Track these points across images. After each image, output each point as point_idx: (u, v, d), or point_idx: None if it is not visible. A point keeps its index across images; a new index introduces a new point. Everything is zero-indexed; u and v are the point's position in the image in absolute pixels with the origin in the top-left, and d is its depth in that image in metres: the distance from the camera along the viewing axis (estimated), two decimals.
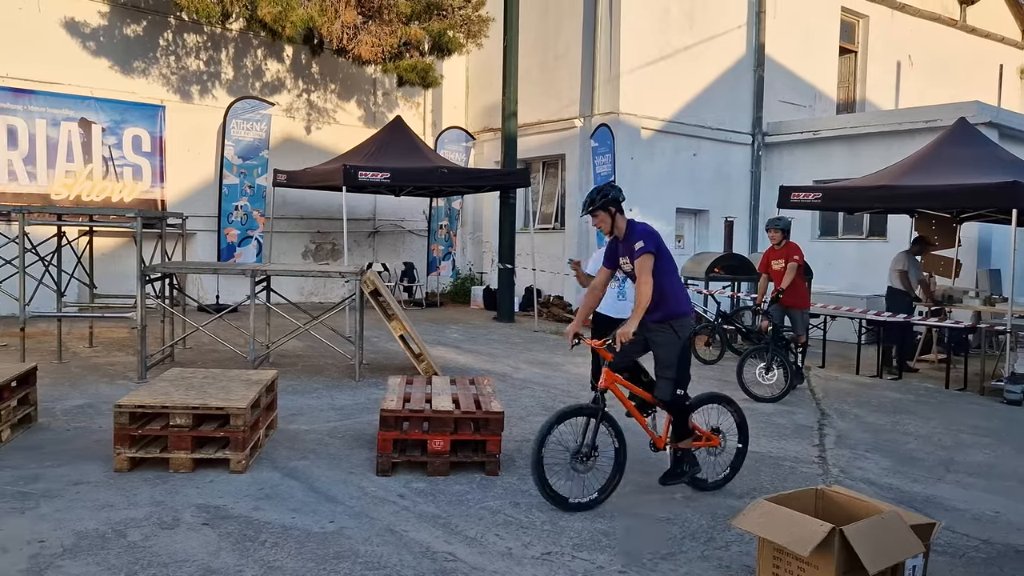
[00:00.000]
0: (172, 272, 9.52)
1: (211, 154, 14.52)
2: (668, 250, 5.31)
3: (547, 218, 16.52)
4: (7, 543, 4.13)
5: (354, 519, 4.67)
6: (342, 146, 14.93)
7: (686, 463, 5.30)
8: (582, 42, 14.91)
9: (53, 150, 12.98)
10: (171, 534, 4.33)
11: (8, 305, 10.11)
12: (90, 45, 13.31)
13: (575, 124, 15.16)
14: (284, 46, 15.23)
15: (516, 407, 7.59)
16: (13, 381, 6.06)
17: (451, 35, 14.16)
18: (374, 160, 12.71)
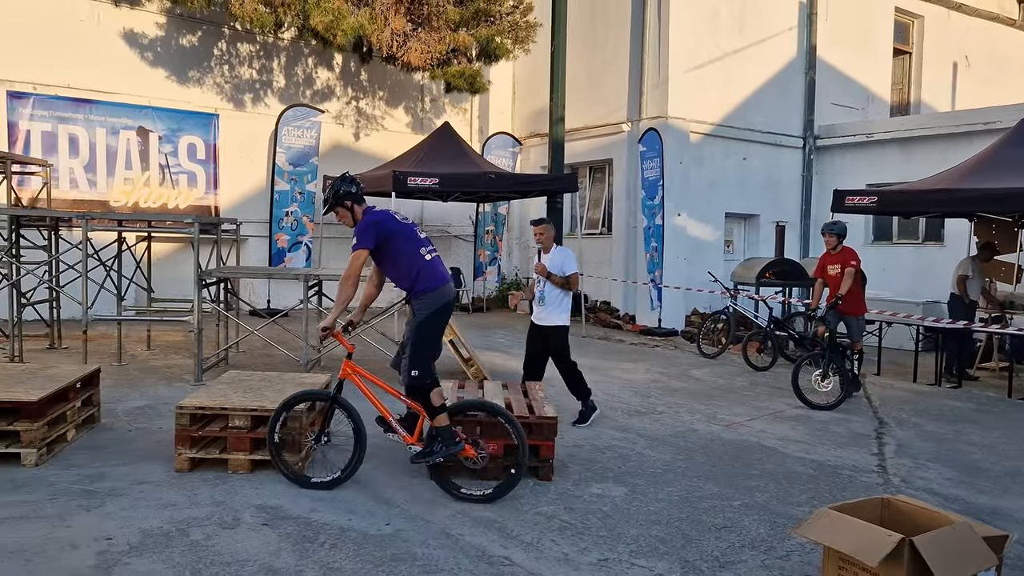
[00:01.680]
0: (227, 277, 9.70)
1: (263, 161, 14.78)
2: (408, 228, 5.32)
3: (594, 223, 16.46)
4: (76, 539, 4.24)
5: (410, 522, 4.69)
6: (390, 152, 15.07)
7: (440, 440, 5.07)
8: (630, 46, 14.84)
9: (112, 158, 13.34)
10: (232, 534, 4.40)
11: (71, 309, 10.41)
12: (148, 56, 13.65)
13: (623, 129, 15.09)
14: (334, 54, 15.44)
15: (566, 413, 7.53)
16: (78, 383, 6.22)
17: (499, 41, 14.22)
18: (422, 166, 12.80)
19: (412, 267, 5.22)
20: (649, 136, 13.99)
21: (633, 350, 12.02)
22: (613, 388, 8.99)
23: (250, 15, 12.14)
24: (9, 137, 12.35)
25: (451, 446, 5.05)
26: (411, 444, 5.21)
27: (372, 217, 5.24)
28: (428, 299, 5.22)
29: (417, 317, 5.23)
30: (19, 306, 9.14)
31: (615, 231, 15.53)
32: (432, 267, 5.29)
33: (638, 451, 6.42)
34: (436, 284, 5.25)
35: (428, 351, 5.22)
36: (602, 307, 15.43)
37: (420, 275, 5.22)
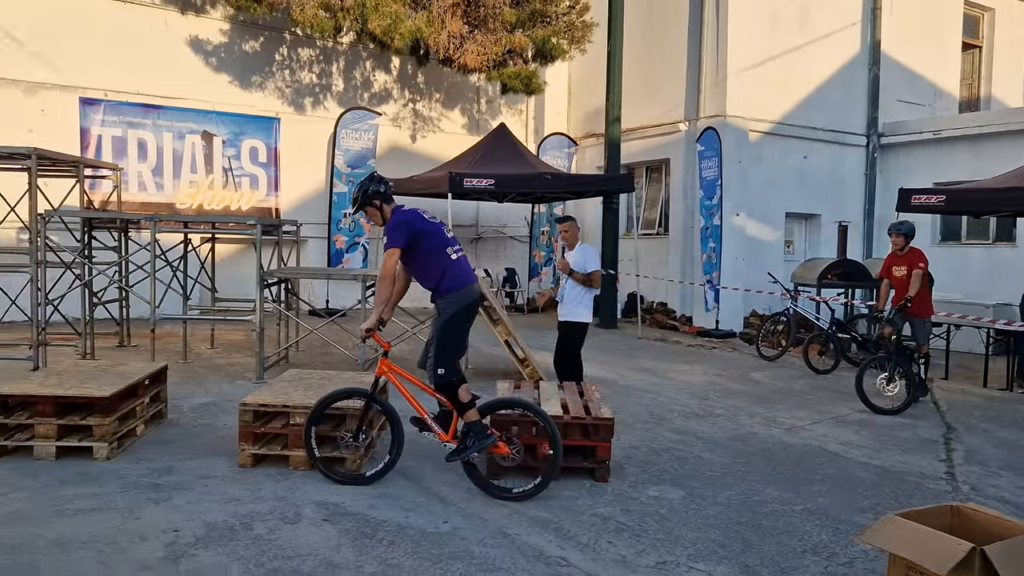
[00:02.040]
0: (288, 277, 9.89)
1: (322, 163, 15.03)
2: (436, 227, 5.33)
3: (650, 223, 16.33)
4: (145, 531, 4.37)
5: (467, 520, 4.72)
6: (446, 154, 15.18)
7: (471, 436, 5.08)
8: (687, 45, 14.68)
9: (178, 162, 13.73)
10: (294, 528, 4.49)
11: (139, 308, 10.74)
12: (212, 61, 14.01)
13: (680, 128, 14.93)
14: (391, 57, 15.63)
15: (623, 414, 7.50)
16: (146, 379, 6.42)
17: (555, 42, 14.21)
18: (478, 167, 12.86)
19: (438, 266, 5.25)
20: (707, 135, 13.83)
21: (690, 352, 11.89)
22: (669, 390, 8.90)
23: (311, 20, 12.38)
24: (82, 142, 12.81)
25: (482, 440, 5.06)
26: (446, 441, 5.24)
27: (401, 216, 5.28)
28: (453, 298, 5.24)
29: (442, 316, 5.25)
30: (91, 305, 9.46)
31: (672, 231, 15.38)
32: (458, 266, 5.31)
33: (696, 454, 6.35)
34: (462, 283, 5.27)
35: (453, 349, 5.24)
36: (658, 308, 15.29)
37: (446, 274, 5.24)
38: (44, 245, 8.64)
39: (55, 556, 4.01)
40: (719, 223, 13.52)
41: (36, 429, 5.59)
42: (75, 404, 5.69)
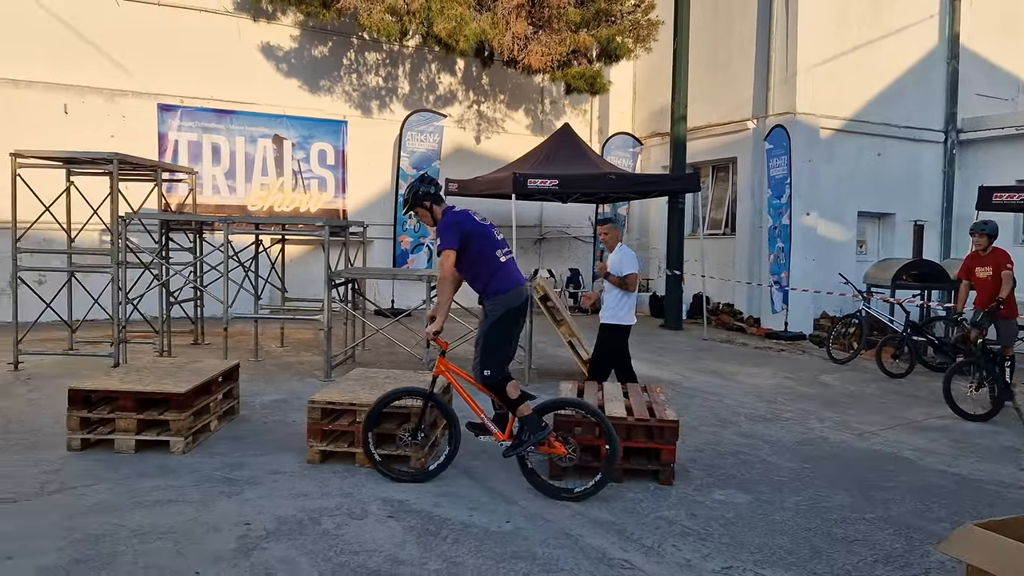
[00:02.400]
0: (354, 277, 10.07)
1: (387, 165, 15.26)
2: (487, 229, 5.34)
3: (717, 223, 16.09)
4: (219, 523, 4.51)
5: (529, 520, 4.73)
6: (510, 154, 15.24)
7: (525, 430, 5.07)
8: (756, 41, 14.42)
9: (250, 165, 14.12)
10: (360, 524, 4.57)
11: (213, 307, 11.07)
12: (282, 67, 14.36)
13: (748, 126, 14.68)
14: (456, 59, 15.77)
15: (688, 416, 7.42)
16: (220, 376, 6.62)
17: (620, 41, 14.13)
18: (542, 168, 12.87)
19: (488, 268, 5.27)
20: (776, 133, 13.55)
21: (758, 354, 11.66)
22: (736, 393, 8.75)
23: (377, 24, 12.58)
24: (159, 147, 13.28)
25: (537, 432, 5.06)
26: (502, 440, 5.26)
27: (452, 217, 5.31)
28: (501, 300, 5.25)
29: (490, 318, 5.26)
30: (168, 304, 9.80)
31: (739, 231, 15.12)
32: (507, 269, 5.33)
33: (763, 458, 6.23)
34: (510, 286, 5.28)
35: (499, 351, 5.25)
36: (725, 309, 15.06)
37: (495, 276, 5.26)
38: (124, 246, 8.97)
39: (135, 546, 4.17)
40: (788, 223, 13.23)
41: (117, 423, 5.82)
42: (153, 400, 5.90)
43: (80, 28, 12.66)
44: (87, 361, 9.09)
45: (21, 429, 6.34)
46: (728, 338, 13.12)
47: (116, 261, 8.75)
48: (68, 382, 6.40)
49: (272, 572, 3.92)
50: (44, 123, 12.32)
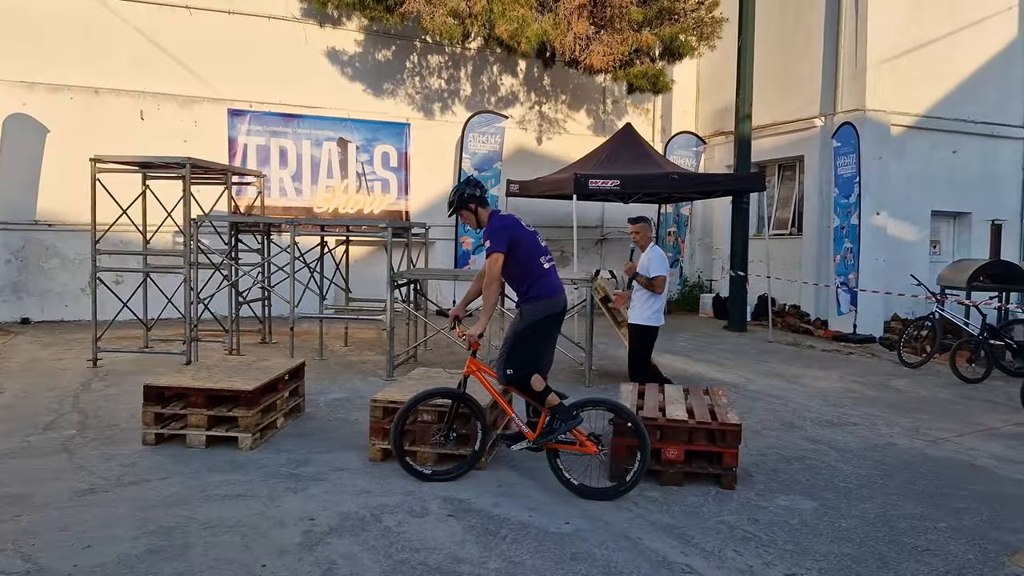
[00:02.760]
0: (417, 278, 10.19)
1: (449, 167, 15.39)
2: (532, 235, 5.40)
3: (783, 223, 15.77)
4: (284, 518, 4.62)
5: (589, 522, 4.72)
6: (572, 155, 15.21)
7: (557, 419, 5.09)
8: (824, 37, 14.08)
9: (316, 168, 14.42)
10: (421, 522, 4.62)
11: (279, 307, 11.35)
12: (347, 71, 14.62)
13: (815, 124, 14.34)
14: (518, 61, 15.82)
15: (751, 420, 7.30)
16: (286, 375, 6.78)
17: (683, 39, 13.98)
18: (604, 168, 12.82)
19: (531, 272, 5.32)
20: (844, 130, 13.21)
21: (825, 357, 11.39)
22: (801, 396, 8.57)
23: (440, 28, 12.70)
24: (229, 151, 13.67)
25: (569, 421, 5.09)
26: (532, 439, 5.26)
27: (499, 221, 5.37)
28: (541, 305, 5.30)
29: (525, 320, 5.30)
30: (237, 304, 10.08)
31: (806, 231, 14.78)
32: (549, 276, 5.38)
33: (829, 464, 6.08)
34: (550, 292, 5.34)
35: (526, 353, 5.26)
36: (790, 311, 14.74)
37: (537, 281, 5.31)
38: (196, 248, 9.26)
39: (205, 538, 4.31)
40: (857, 222, 12.89)
41: (188, 419, 6.02)
42: (223, 396, 6.08)
43: (156, 37, 13.12)
44: (161, 359, 9.42)
45: (99, 424, 6.61)
46: (794, 340, 12.84)
47: (188, 262, 9.04)
48: (143, 379, 6.64)
49: (335, 567, 4.00)
50: (122, 129, 12.81)
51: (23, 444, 5.99)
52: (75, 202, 11.79)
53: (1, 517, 4.53)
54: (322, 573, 3.94)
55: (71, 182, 11.87)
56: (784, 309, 14.91)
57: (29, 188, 12.52)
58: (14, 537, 4.26)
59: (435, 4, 12.65)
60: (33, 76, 12.44)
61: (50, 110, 12.56)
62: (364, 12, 13.31)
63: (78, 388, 7.93)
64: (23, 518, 4.52)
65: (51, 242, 12.65)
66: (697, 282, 17.57)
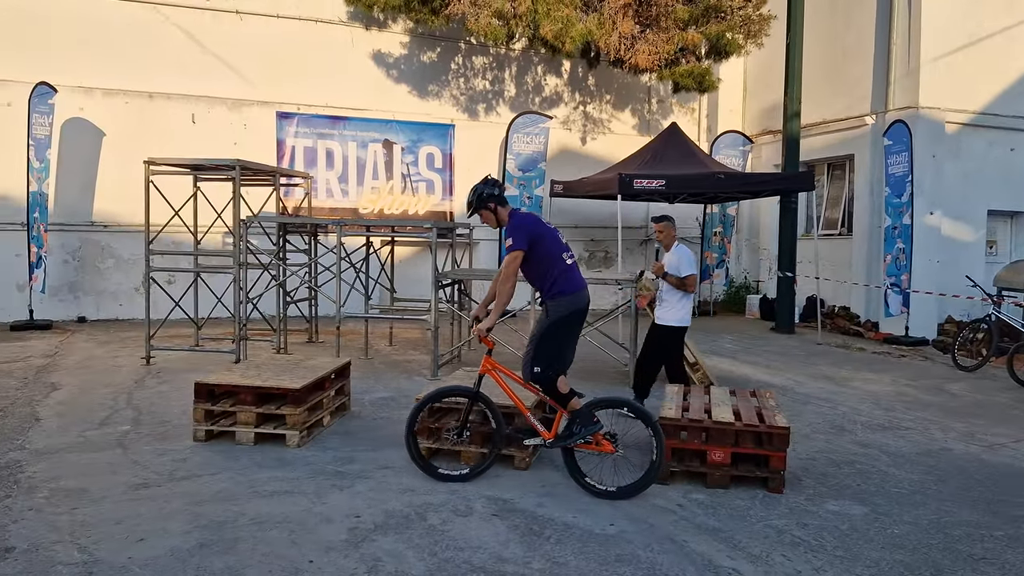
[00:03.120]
0: (461, 279, 10.23)
1: (493, 167, 15.42)
2: (551, 232, 5.42)
3: (832, 223, 15.48)
4: (331, 515, 4.68)
5: (633, 524, 4.68)
6: (616, 155, 15.13)
7: (577, 423, 5.11)
8: (875, 33, 13.79)
9: (362, 169, 14.57)
10: (465, 521, 4.64)
11: (325, 306, 11.49)
12: (393, 73, 14.75)
13: (866, 122, 14.05)
14: (562, 61, 15.80)
15: (799, 423, 7.18)
16: (332, 373, 6.86)
17: (730, 37, 13.81)
18: (649, 168, 12.73)
19: (553, 270, 5.31)
20: (896, 128, 12.92)
21: (875, 359, 11.15)
22: (852, 400, 8.40)
23: (484, 29, 12.74)
24: (278, 152, 13.89)
25: (589, 426, 5.10)
26: (548, 439, 5.28)
27: (519, 220, 5.39)
28: (564, 302, 5.29)
29: (550, 317, 5.29)
30: (284, 303, 10.23)
31: (856, 231, 14.49)
32: (571, 272, 5.38)
33: (881, 469, 5.95)
34: (574, 288, 5.33)
35: (552, 350, 5.26)
36: (840, 313, 14.47)
37: (560, 278, 5.31)
38: (245, 248, 9.42)
39: (254, 533, 4.38)
40: (909, 222, 12.59)
41: (238, 416, 6.13)
42: (271, 394, 6.18)
43: (207, 42, 13.40)
44: (211, 357, 9.60)
45: (152, 420, 6.76)
46: (844, 343, 12.60)
47: (237, 262, 9.20)
48: (194, 376, 6.78)
49: (380, 564, 4.04)
50: (174, 132, 13.10)
51: (80, 439, 6.16)
52: (129, 204, 12.10)
53: (59, 510, 4.66)
54: (367, 570, 3.97)
55: (126, 184, 12.19)
56: (833, 311, 14.64)
57: (85, 190, 12.88)
58: (71, 529, 4.38)
59: (480, 5, 12.69)
60: (90, 82, 12.79)
61: (106, 114, 12.90)
62: (409, 14, 13.41)
63: (132, 385, 8.13)
64: (80, 511, 4.65)
65: (106, 243, 13.00)
66: (743, 283, 17.35)
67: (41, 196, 11.81)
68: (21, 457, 5.65)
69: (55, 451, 5.82)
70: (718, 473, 5.35)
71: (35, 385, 8.01)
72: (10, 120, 12.08)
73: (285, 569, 3.96)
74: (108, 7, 12.81)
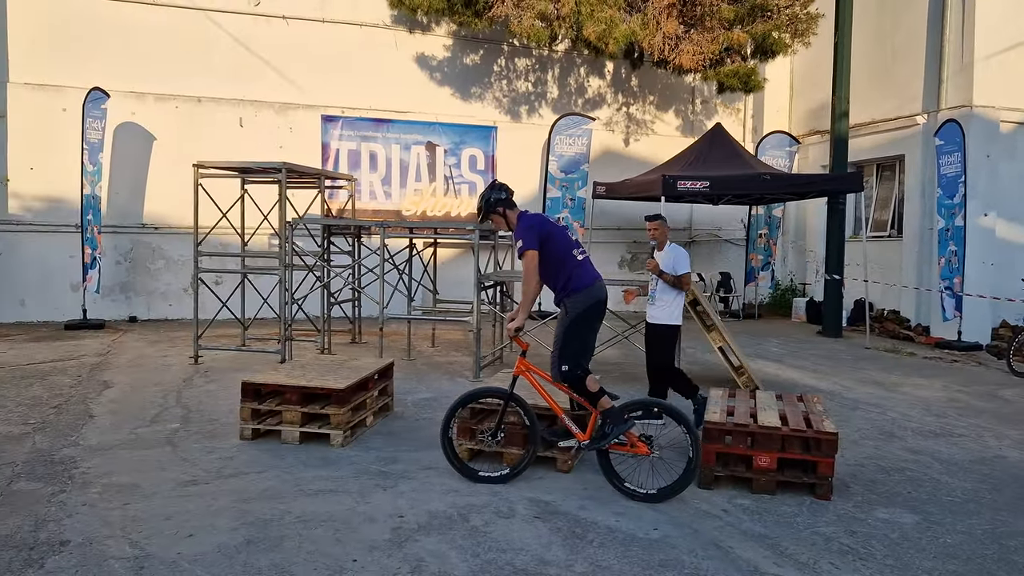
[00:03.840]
0: (502, 280, 10.24)
1: (536, 169, 15.42)
2: (560, 230, 5.50)
3: (882, 225, 15.16)
4: (374, 514, 4.71)
5: (677, 529, 4.64)
6: (660, 156, 15.02)
7: (608, 423, 5.11)
8: (927, 30, 13.48)
9: (405, 171, 14.68)
10: (507, 523, 4.64)
11: (369, 307, 11.60)
12: (436, 76, 14.84)
13: (917, 121, 13.73)
14: (605, 62, 15.73)
15: (848, 428, 7.05)
16: (375, 374, 6.91)
17: (776, 36, 13.62)
18: (693, 169, 12.60)
19: (566, 266, 5.37)
20: (948, 128, 12.61)
21: (926, 365, 10.89)
22: (901, 405, 8.21)
23: (527, 31, 12.74)
24: (322, 155, 14.07)
25: (620, 425, 5.10)
26: (583, 441, 5.27)
27: (527, 221, 5.44)
28: (581, 297, 5.33)
29: (570, 314, 5.33)
30: (328, 304, 10.34)
31: (906, 233, 14.17)
32: (584, 267, 5.43)
33: (933, 476, 5.81)
34: (588, 282, 5.38)
35: (577, 346, 5.32)
36: (889, 316, 14.16)
37: (573, 274, 5.36)
38: (291, 250, 9.55)
39: (298, 531, 4.43)
40: (962, 224, 12.28)
41: (283, 415, 6.21)
42: (316, 394, 6.25)
43: (255, 47, 13.63)
44: (257, 357, 9.76)
45: (200, 418, 6.89)
46: (893, 347, 12.33)
47: (283, 264, 9.33)
48: (241, 375, 6.89)
49: (424, 564, 4.05)
50: (222, 135, 13.34)
51: (131, 436, 6.30)
52: (179, 206, 12.35)
53: (111, 505, 4.77)
54: (411, 570, 3.99)
55: (175, 187, 12.45)
56: (883, 314, 14.34)
57: (136, 193, 13.19)
58: (123, 524, 4.48)
59: (523, 7, 12.70)
60: (142, 87, 13.10)
61: (157, 119, 13.19)
62: (453, 17, 13.47)
63: (181, 384, 8.30)
64: (131, 506, 4.76)
65: (157, 244, 13.29)
66: (790, 285, 17.09)
67: (94, 199, 12.13)
68: (75, 453, 5.80)
69: (108, 447, 5.96)
70: (764, 479, 5.27)
71: (88, 383, 8.22)
72: (66, 125, 12.42)
73: (330, 567, 4.00)
74: (160, 14, 13.11)
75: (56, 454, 5.76)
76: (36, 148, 12.55)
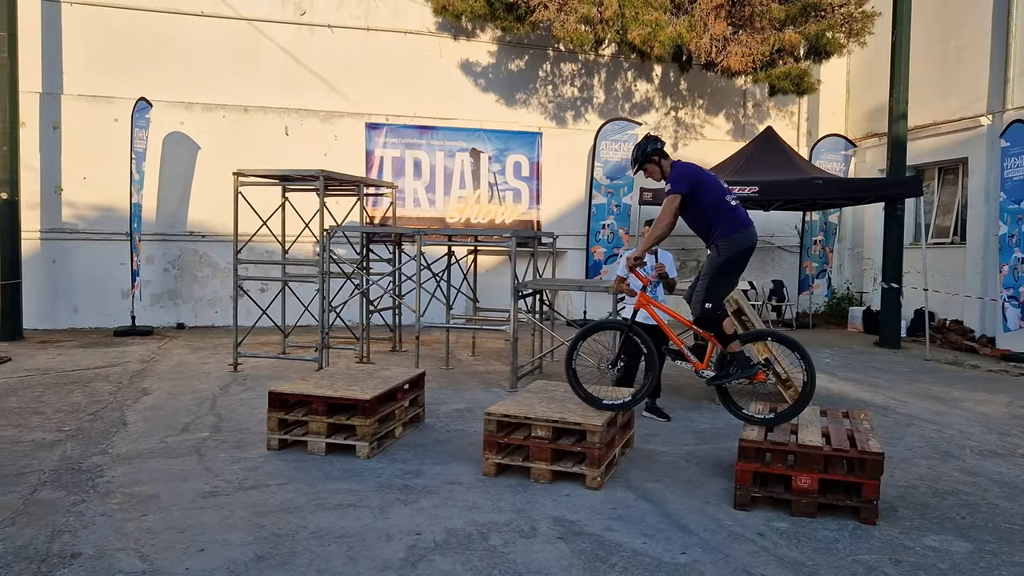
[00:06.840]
0: (541, 288, 10.04)
1: (581, 176, 15.20)
2: (714, 179, 5.68)
3: (943, 231, 14.53)
4: (391, 531, 4.56)
5: (708, 553, 4.38)
6: (709, 161, 14.60)
7: (734, 365, 5.53)
8: (992, 28, 12.88)
9: (449, 178, 14.61)
10: (528, 543, 4.44)
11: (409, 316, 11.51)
12: (480, 82, 14.74)
13: (981, 123, 13.12)
14: (653, 66, 15.45)
15: (900, 447, 6.66)
16: (405, 384, 6.79)
17: (830, 36, 13.16)
18: (742, 174, 12.25)
19: (719, 211, 5.55)
20: (1014, 129, 11.98)
21: (990, 378, 10.33)
22: (961, 422, 7.75)
23: (571, 35, 12.57)
24: (367, 163, 14.09)
25: (746, 369, 5.51)
26: (701, 369, 5.71)
27: (682, 168, 5.66)
28: (734, 239, 5.51)
29: (721, 255, 5.51)
30: (367, 312, 10.29)
31: (970, 240, 13.54)
32: (736, 212, 5.60)
33: (990, 500, 5.41)
34: (742, 225, 5.56)
35: (724, 288, 5.62)
36: (952, 327, 13.53)
37: (726, 218, 5.53)
38: (329, 258, 9.52)
39: (312, 548, 4.31)
40: None
41: (309, 426, 6.12)
42: (342, 405, 6.15)
43: (300, 56, 13.73)
44: (296, 364, 9.75)
45: (231, 427, 6.86)
46: (955, 359, 11.74)
47: (322, 271, 9.30)
48: (277, 384, 6.83)
49: None
50: (268, 143, 13.47)
51: (161, 444, 6.29)
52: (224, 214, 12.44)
53: (129, 516, 4.72)
54: None
55: (221, 195, 12.56)
56: (945, 325, 13.71)
57: (183, 201, 13.38)
58: (137, 536, 4.42)
59: (566, 11, 12.53)
60: (191, 97, 13.30)
61: (204, 128, 13.38)
62: (496, 23, 13.37)
63: (217, 391, 8.31)
64: (148, 518, 4.70)
65: (203, 252, 13.46)
66: (846, 294, 16.50)
67: (137, 207, 12.33)
68: (103, 462, 5.80)
69: (136, 456, 5.95)
70: (804, 501, 4.96)
71: (128, 390, 8.29)
72: (118, 135, 12.67)
73: None
74: (209, 25, 13.30)
75: (84, 462, 5.77)
76: (89, 158, 12.83)
